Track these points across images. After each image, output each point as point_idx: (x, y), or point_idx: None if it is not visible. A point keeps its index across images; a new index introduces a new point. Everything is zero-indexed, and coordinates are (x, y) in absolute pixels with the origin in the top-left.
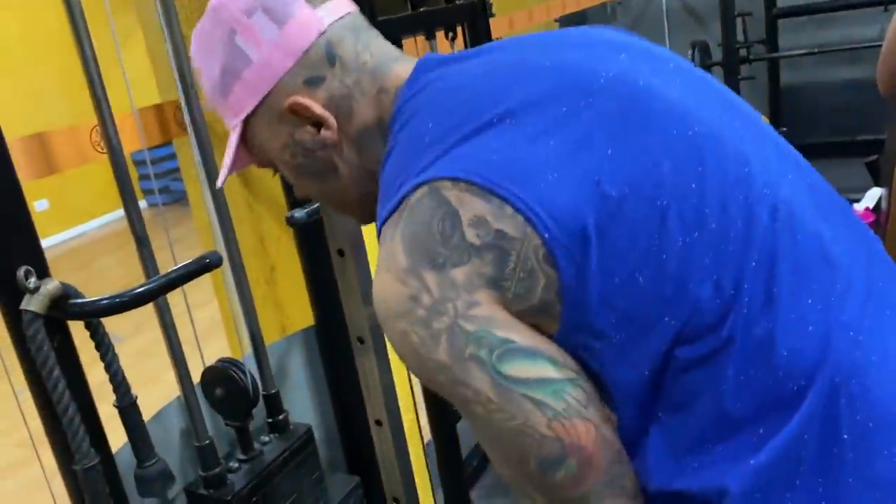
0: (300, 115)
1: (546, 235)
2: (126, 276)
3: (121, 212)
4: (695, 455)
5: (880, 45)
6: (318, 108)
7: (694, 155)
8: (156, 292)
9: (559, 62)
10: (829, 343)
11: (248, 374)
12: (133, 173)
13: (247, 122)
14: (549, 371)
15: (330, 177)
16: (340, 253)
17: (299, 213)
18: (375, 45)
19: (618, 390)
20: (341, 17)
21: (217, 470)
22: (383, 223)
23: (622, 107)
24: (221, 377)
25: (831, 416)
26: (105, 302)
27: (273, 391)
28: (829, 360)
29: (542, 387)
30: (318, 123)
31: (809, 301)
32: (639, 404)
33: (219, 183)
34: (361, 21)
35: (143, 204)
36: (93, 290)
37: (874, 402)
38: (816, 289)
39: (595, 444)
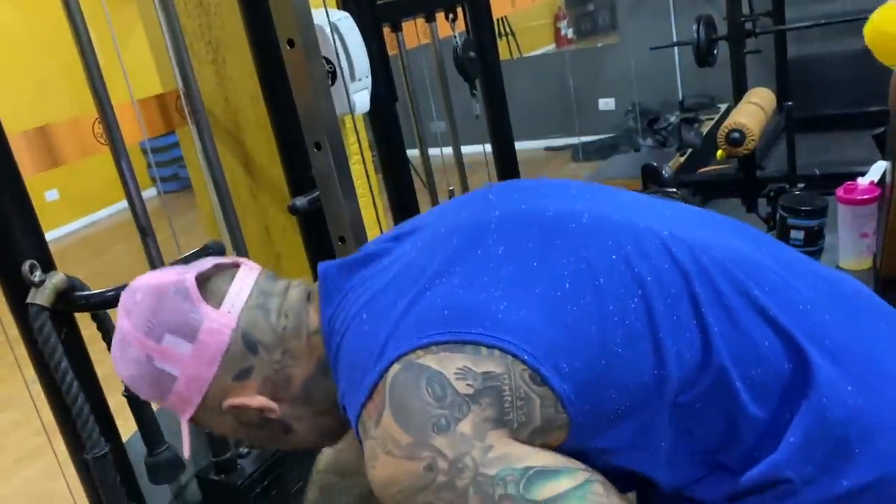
0: (240, 410)
1: (525, 357)
2: (138, 264)
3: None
4: (741, 458)
5: None
6: (254, 402)
7: (597, 235)
8: None
9: (452, 226)
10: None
11: None
12: (141, 162)
13: (192, 419)
14: (569, 481)
15: (288, 434)
16: (342, 240)
17: (300, 202)
18: (286, 304)
19: (643, 463)
20: (248, 296)
21: (227, 455)
22: (357, 420)
23: (522, 230)
24: None
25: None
26: (110, 293)
27: None
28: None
29: (570, 498)
30: (261, 409)
31: (756, 293)
32: (672, 461)
33: (185, 454)
34: (266, 283)
35: (152, 192)
36: (105, 280)
37: (843, 351)
38: (757, 282)
39: None
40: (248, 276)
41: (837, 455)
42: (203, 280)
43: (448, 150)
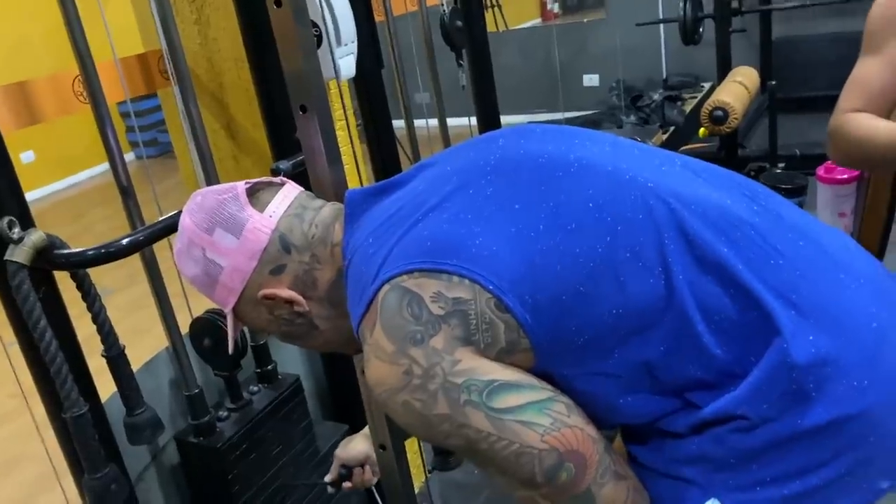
0: (273, 300)
1: (491, 287)
2: (117, 228)
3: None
4: (705, 395)
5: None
6: (285, 293)
7: (580, 182)
8: (141, 243)
9: (458, 165)
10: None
11: None
12: (120, 126)
13: (235, 310)
14: (531, 395)
15: (314, 334)
16: None
17: (284, 164)
18: (319, 217)
19: (606, 386)
20: (288, 207)
21: (206, 419)
22: (358, 327)
23: (513, 173)
24: (209, 328)
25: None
26: (90, 252)
27: (261, 342)
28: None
29: (528, 409)
30: (290, 301)
31: (724, 250)
32: (627, 389)
33: (231, 349)
34: (305, 200)
35: (129, 156)
36: (83, 243)
37: (813, 306)
38: (730, 237)
39: (585, 444)
40: (290, 192)
41: (795, 398)
42: (253, 191)
43: (433, 122)
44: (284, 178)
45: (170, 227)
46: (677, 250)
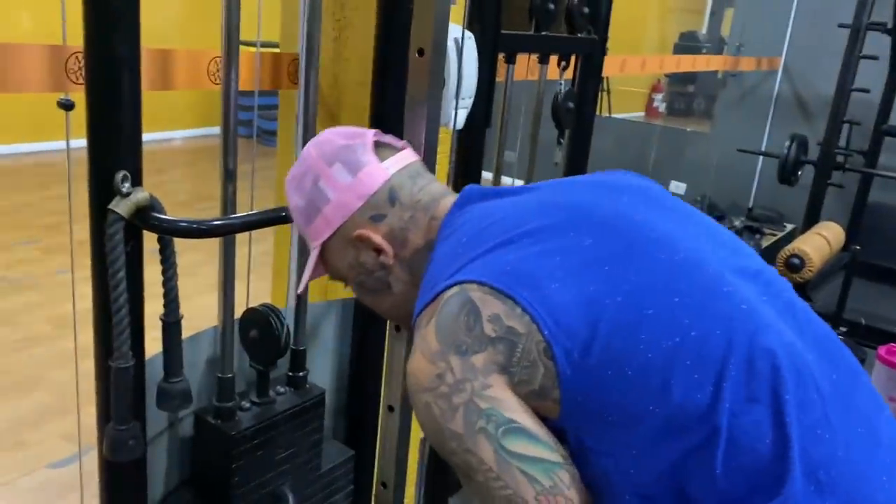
0: (364, 242)
1: (546, 333)
2: (189, 193)
3: (197, 130)
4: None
5: None
6: (378, 239)
7: (678, 275)
8: (235, 228)
9: (570, 201)
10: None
11: (284, 325)
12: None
13: (324, 245)
14: (545, 452)
15: (385, 294)
16: None
17: None
18: (429, 187)
19: (615, 475)
20: (404, 167)
21: (230, 404)
22: (419, 314)
23: (618, 236)
24: (260, 320)
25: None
26: (184, 224)
27: (302, 348)
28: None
29: (536, 465)
30: (378, 250)
31: (787, 397)
32: (635, 486)
33: (300, 288)
34: (420, 168)
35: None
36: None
37: (838, 489)
38: (792, 390)
39: None
40: (408, 157)
41: None
42: (379, 144)
43: (519, 182)
44: (406, 143)
45: (262, 221)
46: (737, 379)
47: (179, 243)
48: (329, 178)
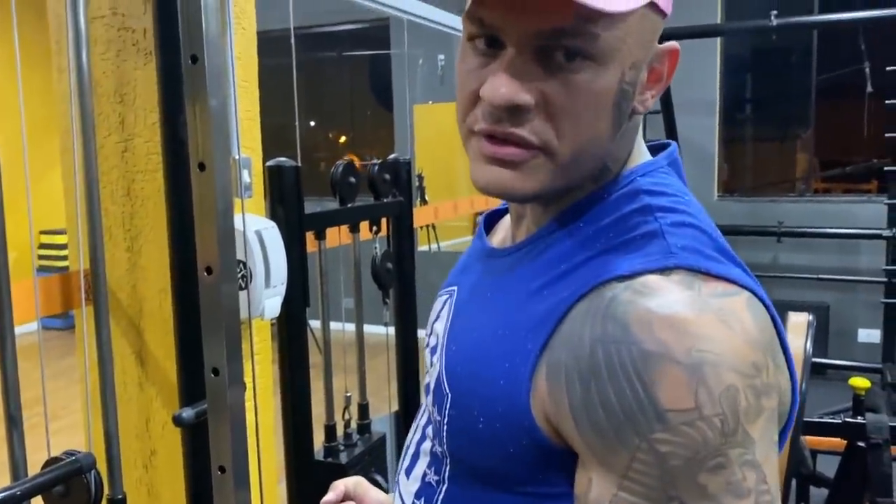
0: (661, 61)
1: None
2: None
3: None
4: None
5: None
6: (670, 71)
7: None
8: (17, 499)
9: None
10: None
11: None
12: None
13: (624, 17)
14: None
15: (613, 127)
16: (221, 470)
17: (188, 414)
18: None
19: None
20: None
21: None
22: (628, 276)
23: None
24: None
25: None
26: None
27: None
28: None
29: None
30: (657, 82)
31: None
32: None
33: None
34: None
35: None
36: None
37: None
38: None
39: None
40: None
41: None
42: None
43: (350, 360)
44: None
45: (51, 482)
46: None
47: None
48: None
